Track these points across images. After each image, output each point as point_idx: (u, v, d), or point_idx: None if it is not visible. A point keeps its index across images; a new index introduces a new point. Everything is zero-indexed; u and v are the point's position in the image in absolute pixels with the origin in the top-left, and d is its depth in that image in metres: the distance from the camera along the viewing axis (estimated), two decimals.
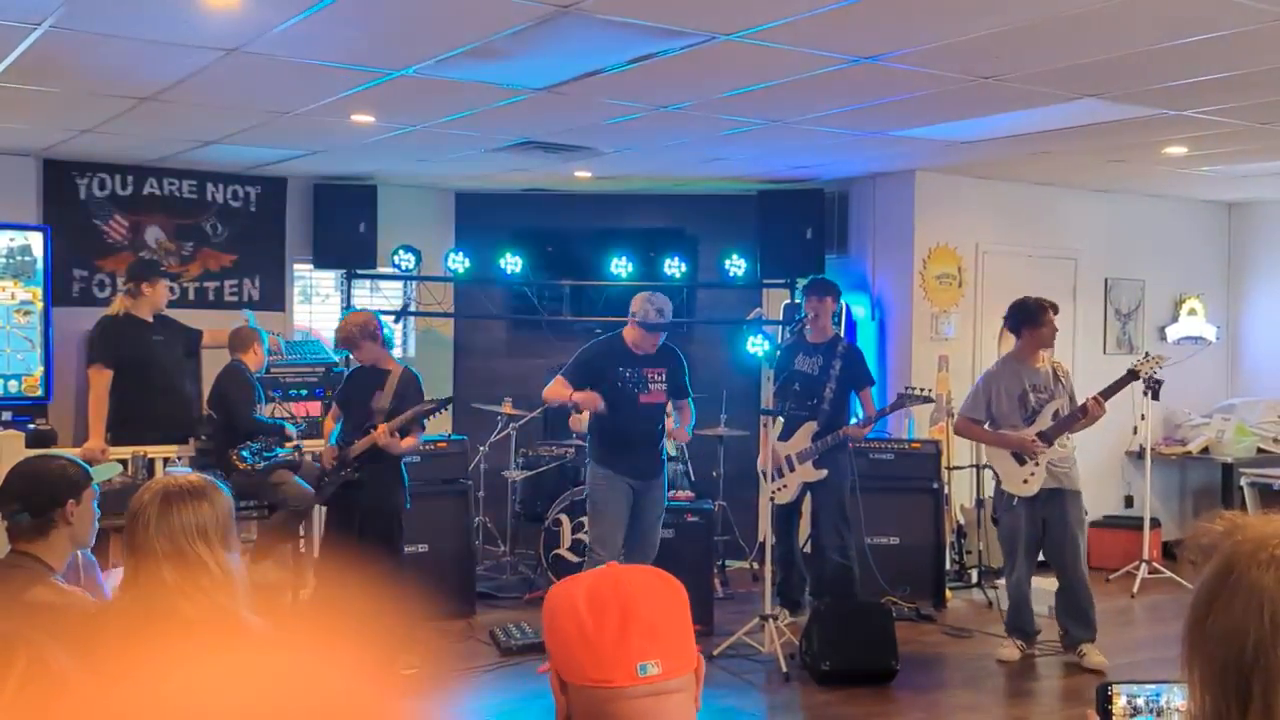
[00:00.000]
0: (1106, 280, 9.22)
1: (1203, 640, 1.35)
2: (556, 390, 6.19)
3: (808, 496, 7.02)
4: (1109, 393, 6.31)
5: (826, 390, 6.81)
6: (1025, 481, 6.35)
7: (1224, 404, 9.35)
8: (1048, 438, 6.27)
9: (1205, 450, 9.00)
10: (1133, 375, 6.42)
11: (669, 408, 6.35)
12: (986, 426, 6.48)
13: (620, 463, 6.10)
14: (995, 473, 6.53)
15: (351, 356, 6.36)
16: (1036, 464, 6.30)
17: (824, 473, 6.76)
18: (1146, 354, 6.74)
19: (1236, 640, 1.31)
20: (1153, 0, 3.93)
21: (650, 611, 1.46)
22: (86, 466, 3.07)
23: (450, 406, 6.42)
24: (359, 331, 6.01)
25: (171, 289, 8.17)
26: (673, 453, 8.05)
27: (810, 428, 6.79)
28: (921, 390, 6.79)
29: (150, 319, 6.84)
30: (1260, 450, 8.89)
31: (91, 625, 2.54)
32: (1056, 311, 6.52)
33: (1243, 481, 8.44)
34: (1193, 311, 9.50)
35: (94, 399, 6.73)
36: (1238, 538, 1.37)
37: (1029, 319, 6.43)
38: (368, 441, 5.85)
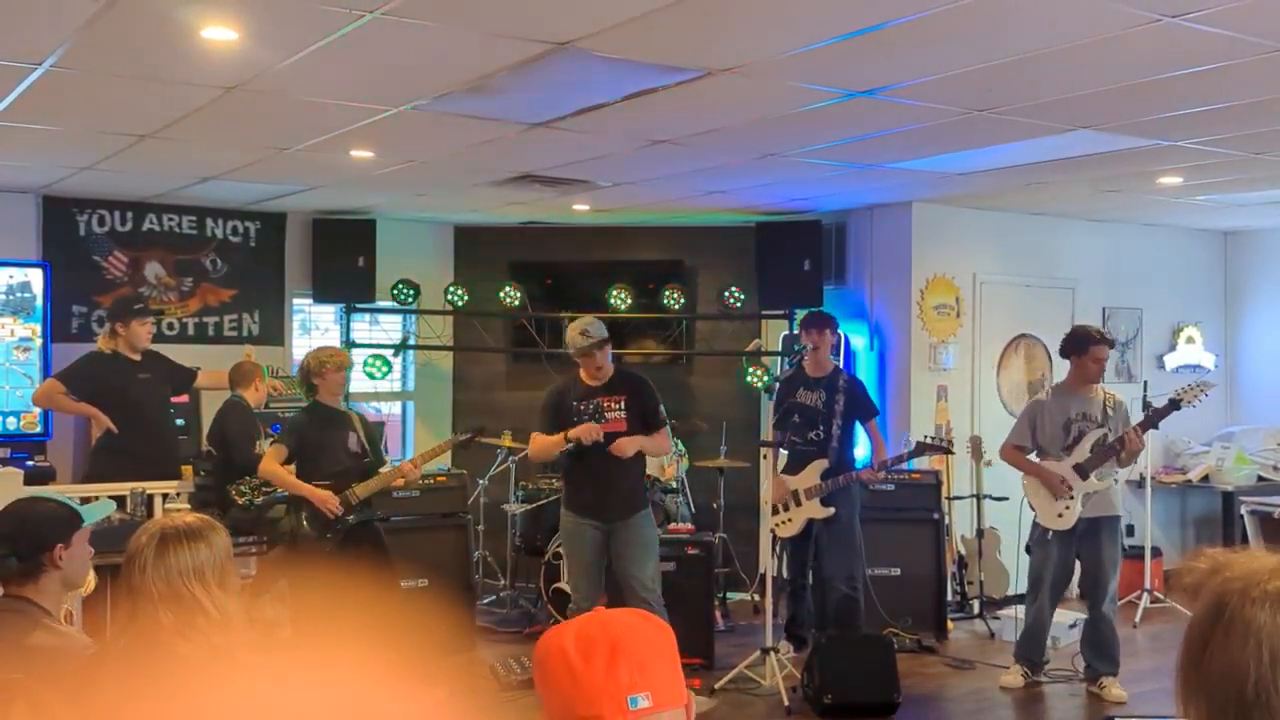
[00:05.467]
0: (1104, 309, 9.23)
1: (1200, 680, 1.34)
2: (540, 445, 5.89)
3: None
4: (1149, 423, 6.29)
5: (834, 426, 6.76)
6: (1060, 516, 6.30)
7: (1223, 431, 9.34)
8: (1084, 471, 6.24)
9: (1205, 478, 8.99)
10: (1174, 405, 6.32)
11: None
12: (1034, 455, 6.46)
13: (583, 505, 5.87)
14: (1031, 506, 6.47)
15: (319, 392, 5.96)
16: (1072, 497, 6.28)
17: (831, 510, 6.69)
18: (1190, 383, 6.52)
19: (1236, 679, 1.30)
20: (1145, 33, 3.96)
21: (639, 647, 1.47)
22: (77, 508, 3.03)
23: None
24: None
25: (170, 325, 8.21)
26: (673, 485, 8.04)
27: (820, 465, 6.71)
28: (940, 440, 6.75)
29: (138, 357, 6.74)
30: (1260, 478, 8.87)
31: (89, 668, 2.53)
32: (1111, 346, 6.46)
33: (1243, 510, 8.42)
34: (1190, 340, 9.52)
35: (42, 397, 6.85)
36: (1225, 575, 1.37)
37: (1074, 347, 6.41)
38: (393, 477, 5.94)
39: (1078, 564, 6.50)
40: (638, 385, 5.95)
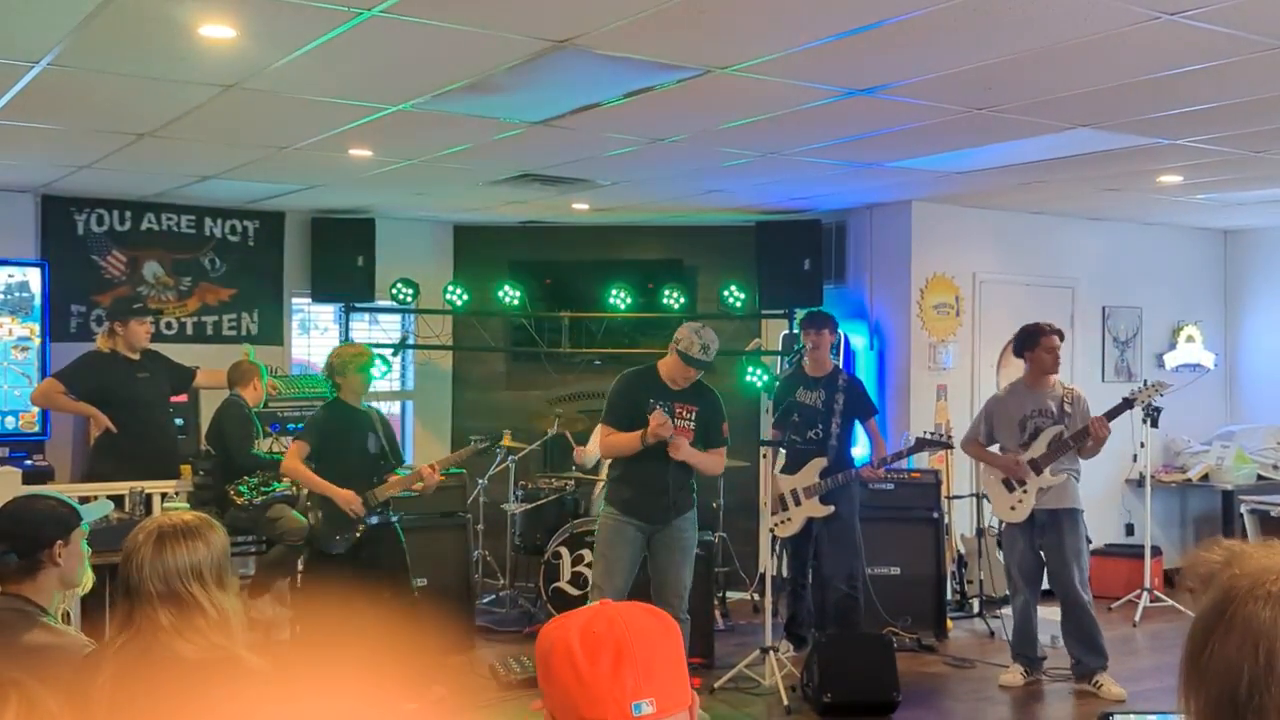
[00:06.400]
0: (1104, 308, 9.23)
1: (1199, 675, 1.33)
2: (616, 442, 5.73)
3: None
4: (1107, 419, 6.31)
5: (833, 425, 6.76)
6: (1012, 509, 6.37)
7: (1223, 430, 9.34)
8: (1038, 466, 6.28)
9: (1205, 477, 8.99)
10: (1127, 404, 6.42)
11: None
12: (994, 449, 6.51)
13: (630, 504, 5.72)
14: (987, 499, 6.53)
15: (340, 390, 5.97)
16: (1025, 490, 6.30)
17: (830, 509, 6.69)
18: (1145, 381, 6.74)
19: (1231, 677, 1.29)
20: (1145, 31, 3.95)
21: (645, 649, 1.45)
22: (76, 506, 3.03)
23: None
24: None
25: (169, 324, 8.20)
26: None
27: (819, 463, 6.71)
28: (939, 435, 6.76)
29: (136, 356, 6.73)
30: (1260, 477, 8.87)
31: (86, 667, 2.52)
32: (1061, 338, 6.51)
33: (1243, 509, 8.42)
34: (1190, 338, 9.51)
35: (40, 397, 6.86)
36: (1235, 570, 1.35)
37: (1026, 343, 6.46)
38: (412, 480, 5.94)
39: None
40: (710, 400, 5.83)
